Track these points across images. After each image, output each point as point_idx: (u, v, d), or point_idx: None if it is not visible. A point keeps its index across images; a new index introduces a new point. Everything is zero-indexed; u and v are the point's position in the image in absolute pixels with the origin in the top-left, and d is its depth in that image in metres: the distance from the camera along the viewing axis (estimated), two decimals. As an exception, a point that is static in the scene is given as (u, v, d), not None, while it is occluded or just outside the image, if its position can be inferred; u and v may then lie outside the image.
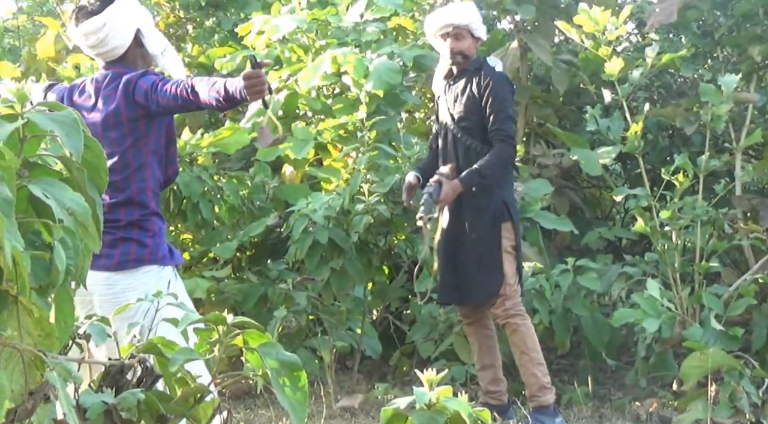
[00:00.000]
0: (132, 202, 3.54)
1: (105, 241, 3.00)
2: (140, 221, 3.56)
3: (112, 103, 3.54)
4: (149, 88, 3.48)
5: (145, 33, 3.68)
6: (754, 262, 6.37)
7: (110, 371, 2.77)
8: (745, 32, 7.25)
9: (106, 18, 3.55)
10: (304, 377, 4.35)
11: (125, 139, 3.54)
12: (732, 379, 5.12)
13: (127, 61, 3.67)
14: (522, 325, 4.97)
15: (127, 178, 3.53)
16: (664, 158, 7.74)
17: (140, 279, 3.50)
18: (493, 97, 4.93)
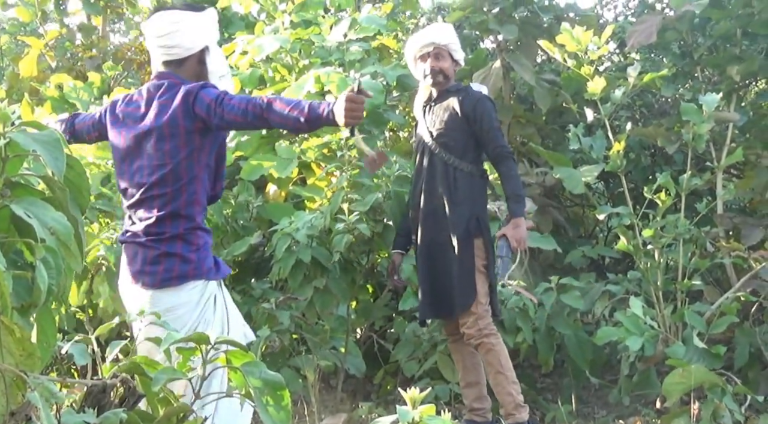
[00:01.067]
0: (179, 215, 3.48)
1: (148, 257, 3.41)
2: (185, 235, 3.49)
3: (167, 114, 3.49)
4: (212, 102, 3.44)
5: (211, 52, 3.70)
6: (736, 280, 6.39)
7: (92, 391, 2.76)
8: (723, 53, 7.32)
9: (183, 17, 3.59)
10: (287, 396, 4.34)
11: (179, 151, 3.48)
12: (715, 396, 5.14)
13: (182, 69, 3.65)
14: (496, 344, 4.92)
15: (179, 190, 3.47)
16: (647, 177, 7.79)
17: (185, 296, 3.44)
18: (485, 118, 4.95)
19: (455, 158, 5.00)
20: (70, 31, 9.13)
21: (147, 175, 3.47)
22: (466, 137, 4.99)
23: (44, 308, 1.99)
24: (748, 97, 8.01)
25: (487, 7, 7.64)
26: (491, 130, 4.95)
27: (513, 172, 4.94)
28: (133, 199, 3.50)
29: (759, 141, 7.45)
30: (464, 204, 4.96)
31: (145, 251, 3.44)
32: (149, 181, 3.46)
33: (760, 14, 7.01)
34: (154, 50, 3.69)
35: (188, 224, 3.50)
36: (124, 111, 3.65)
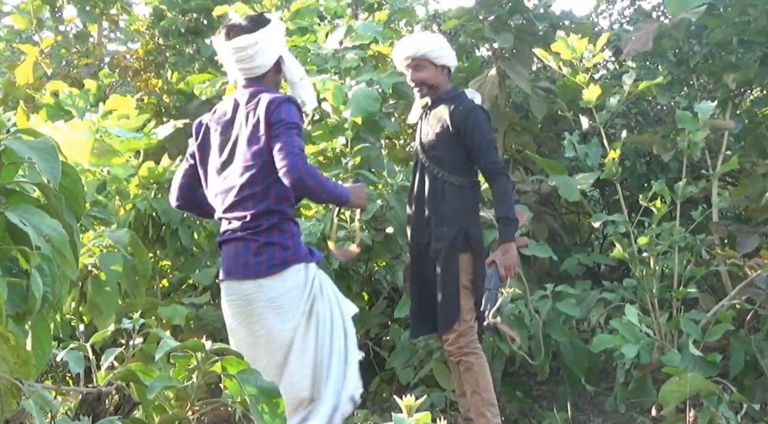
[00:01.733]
0: (272, 211, 3.75)
1: (250, 249, 3.70)
2: (279, 224, 3.76)
3: (253, 119, 3.76)
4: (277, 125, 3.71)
5: (286, 61, 3.98)
6: (731, 288, 6.41)
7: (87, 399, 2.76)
8: (719, 60, 7.34)
9: (258, 37, 3.82)
10: (282, 404, 4.34)
11: (264, 153, 3.73)
12: (711, 404, 5.13)
13: (265, 81, 3.93)
14: (476, 364, 4.80)
15: (267, 188, 3.75)
16: (642, 185, 7.79)
17: (291, 281, 3.72)
18: (475, 131, 4.78)
19: (444, 172, 4.89)
20: (66, 38, 9.12)
21: (237, 176, 3.76)
22: (456, 150, 4.87)
23: (39, 316, 1.99)
24: (743, 105, 8.03)
25: (482, 15, 7.65)
26: (483, 144, 4.78)
27: (506, 192, 4.74)
28: (228, 203, 3.79)
29: (754, 149, 7.47)
30: (451, 219, 4.85)
31: (246, 244, 3.73)
32: (240, 182, 3.75)
33: (756, 22, 7.03)
34: (232, 68, 3.94)
35: (281, 216, 3.79)
36: (215, 122, 3.94)
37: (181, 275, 6.44)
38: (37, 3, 8.90)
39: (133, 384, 4.36)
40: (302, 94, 4.04)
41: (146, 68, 8.70)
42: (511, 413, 5.85)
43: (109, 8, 9.10)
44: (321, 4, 7.14)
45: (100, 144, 5.79)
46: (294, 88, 4.03)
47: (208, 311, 6.05)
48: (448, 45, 5.05)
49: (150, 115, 7.26)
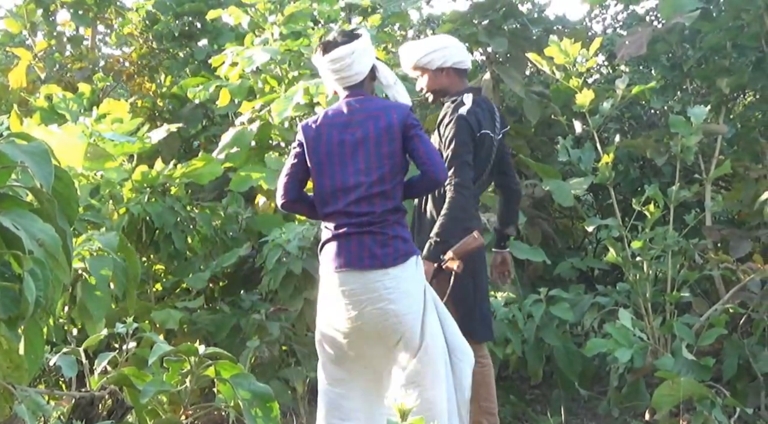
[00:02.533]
0: (397, 208, 4.09)
1: (378, 241, 4.01)
2: (401, 220, 4.12)
3: (383, 123, 4.07)
4: (414, 128, 4.11)
5: (379, 67, 4.30)
6: (724, 292, 6.42)
7: (80, 404, 2.75)
8: (713, 65, 7.35)
9: (354, 48, 4.14)
10: (276, 408, 4.34)
11: (396, 155, 4.07)
12: (704, 408, 5.14)
13: (363, 88, 4.23)
14: (477, 373, 4.57)
15: (394, 187, 4.07)
16: (635, 189, 7.79)
17: (411, 269, 4.05)
18: (448, 141, 4.66)
19: None
20: (60, 42, 9.12)
21: (365, 175, 4.03)
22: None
23: (32, 320, 1.98)
24: (736, 109, 8.04)
25: (476, 20, 7.66)
26: (451, 158, 4.59)
27: (450, 213, 4.54)
28: (353, 199, 4.03)
29: (747, 153, 7.48)
30: (430, 227, 4.69)
31: (374, 237, 4.01)
32: (369, 180, 4.03)
33: (750, 27, 7.04)
34: (330, 79, 4.25)
35: (402, 213, 4.14)
36: (329, 124, 4.15)
37: (174, 279, 6.43)
38: (30, 7, 8.90)
39: (127, 388, 4.35)
40: (397, 95, 4.34)
41: (140, 72, 8.70)
42: (504, 417, 5.84)
43: (103, 12, 9.10)
44: (314, 9, 7.14)
45: (93, 148, 5.79)
46: (389, 90, 4.35)
47: (202, 315, 6.04)
48: (440, 46, 4.88)
49: (143, 119, 7.25)
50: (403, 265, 4.02)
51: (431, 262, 4.47)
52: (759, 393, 5.75)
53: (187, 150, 8.24)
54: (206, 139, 8.17)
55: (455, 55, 4.88)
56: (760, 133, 7.45)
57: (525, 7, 7.83)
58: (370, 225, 4.01)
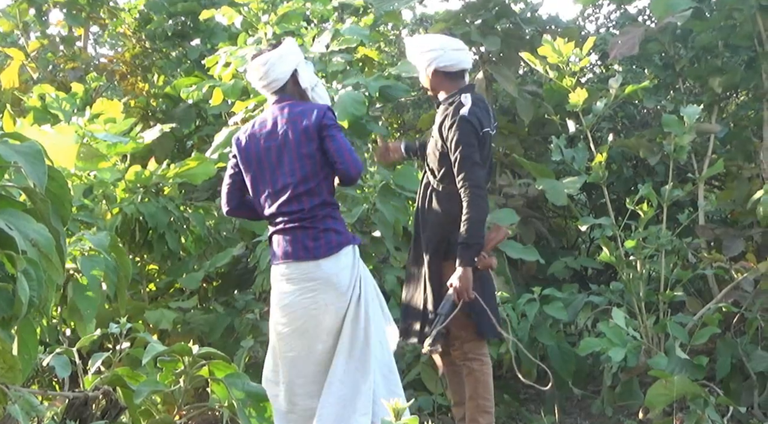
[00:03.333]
0: (325, 203, 4.36)
1: (309, 235, 4.30)
2: (332, 213, 4.39)
3: (301, 125, 4.34)
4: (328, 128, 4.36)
5: (300, 73, 4.51)
6: (717, 291, 6.43)
7: (74, 404, 2.75)
8: (705, 64, 7.37)
9: (268, 57, 4.45)
10: (270, 407, 4.33)
11: (315, 154, 4.33)
12: (697, 407, 5.16)
13: (287, 92, 4.50)
14: (477, 370, 4.72)
15: (319, 184, 4.33)
16: (629, 188, 7.82)
17: (344, 260, 4.33)
18: (455, 144, 4.61)
19: (434, 179, 4.79)
20: (52, 42, 9.09)
21: (291, 176, 4.33)
22: (443, 158, 4.71)
23: (25, 320, 1.98)
24: (729, 108, 8.06)
25: (469, 19, 7.66)
26: (461, 160, 4.59)
27: (472, 216, 4.54)
28: (283, 199, 4.33)
29: (740, 152, 7.50)
30: (436, 227, 4.75)
31: (305, 232, 4.31)
32: (294, 181, 4.32)
33: (742, 26, 7.06)
34: (259, 87, 4.56)
35: (332, 206, 4.41)
36: (256, 134, 4.45)
37: (168, 279, 6.43)
38: (23, 6, 8.87)
39: (120, 389, 4.35)
40: (316, 97, 4.57)
41: (133, 72, 8.68)
42: (498, 416, 5.84)
43: (96, 12, 9.08)
44: (307, 8, 7.13)
45: (86, 148, 5.78)
46: (308, 93, 4.55)
47: (196, 315, 6.04)
48: (429, 47, 4.85)
49: (137, 118, 7.24)
50: (335, 256, 4.32)
51: (468, 266, 4.58)
52: (752, 392, 5.77)
53: (181, 150, 8.22)
54: (199, 139, 8.15)
55: (442, 58, 4.82)
56: (752, 133, 7.48)
57: (518, 6, 7.82)
58: (302, 220, 4.32)
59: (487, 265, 4.68)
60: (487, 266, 4.67)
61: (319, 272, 4.30)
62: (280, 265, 4.41)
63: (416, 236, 4.94)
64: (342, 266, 4.32)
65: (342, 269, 4.32)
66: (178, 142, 8.28)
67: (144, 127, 6.79)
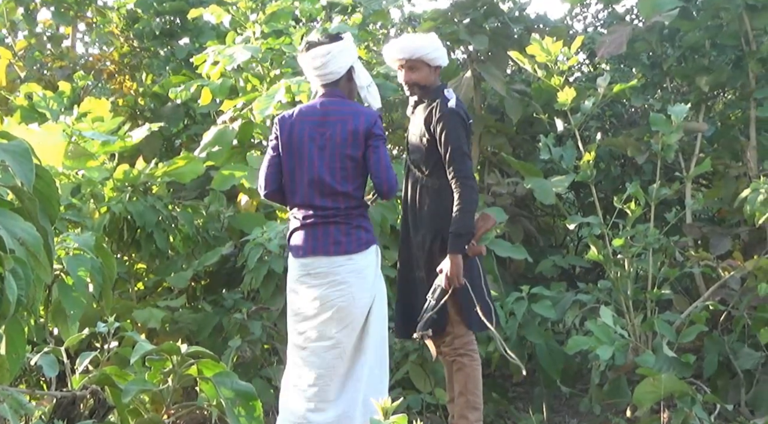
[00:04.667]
0: (359, 205, 4.48)
1: (342, 230, 4.40)
2: (363, 212, 4.51)
3: (350, 126, 4.41)
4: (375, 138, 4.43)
5: (356, 70, 4.58)
6: (705, 289, 6.45)
7: (62, 403, 2.75)
8: (692, 63, 7.40)
9: (331, 48, 4.46)
10: (259, 406, 4.34)
11: (358, 159, 4.40)
12: (684, 405, 5.17)
13: (339, 87, 4.54)
14: (468, 365, 4.75)
15: (357, 188, 4.45)
16: (617, 187, 7.83)
17: (370, 257, 4.46)
18: (445, 137, 4.66)
19: (422, 174, 4.81)
20: (40, 40, 9.07)
21: (331, 174, 4.39)
22: (433, 152, 4.74)
23: (13, 319, 1.97)
24: (716, 107, 8.09)
25: (457, 18, 7.67)
26: (452, 152, 4.65)
27: (463, 205, 4.62)
28: (319, 193, 4.40)
29: (727, 151, 7.53)
30: (428, 223, 4.77)
31: (338, 227, 4.40)
32: (333, 180, 4.39)
33: (729, 26, 7.09)
34: (312, 76, 4.58)
35: (365, 207, 4.53)
36: (303, 121, 4.48)
37: (156, 278, 6.42)
38: (10, 5, 8.85)
39: (108, 388, 4.34)
40: (368, 97, 4.64)
41: (121, 71, 8.67)
42: (487, 414, 5.84)
43: (83, 11, 9.06)
44: (296, 7, 7.13)
45: (74, 147, 5.77)
46: (362, 91, 4.62)
47: (184, 314, 6.03)
48: (441, 44, 4.96)
49: (124, 117, 7.23)
50: (364, 252, 4.43)
51: (459, 254, 4.64)
52: (739, 390, 5.80)
53: (169, 149, 8.21)
54: (188, 138, 8.15)
55: (446, 56, 5.02)
56: (739, 131, 7.51)
57: (506, 5, 7.83)
58: (335, 217, 4.40)
59: (477, 252, 4.73)
60: (476, 252, 4.73)
61: (350, 265, 4.40)
62: (308, 257, 4.45)
63: (406, 235, 4.95)
64: (369, 262, 4.45)
65: (369, 265, 4.45)
66: (167, 141, 8.27)
67: (132, 126, 6.78)
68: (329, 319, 4.39)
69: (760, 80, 7.08)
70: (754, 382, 5.81)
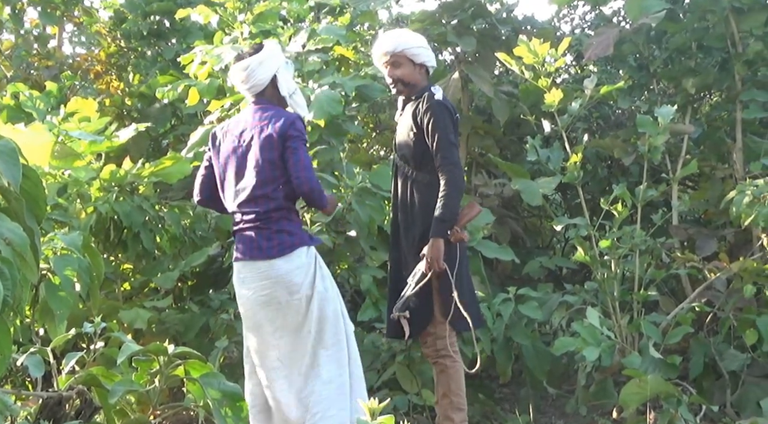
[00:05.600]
0: (281, 207, 4.45)
1: (263, 235, 4.41)
2: (287, 215, 4.47)
3: (267, 131, 4.45)
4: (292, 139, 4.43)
5: (279, 78, 4.62)
6: (691, 290, 6.48)
7: (48, 404, 2.74)
8: (679, 65, 7.42)
9: (250, 61, 4.56)
10: (246, 407, 4.33)
11: (275, 161, 4.42)
12: (670, 406, 5.19)
13: (266, 96, 4.61)
14: (450, 367, 4.76)
15: (276, 189, 4.42)
16: (603, 188, 7.86)
17: (296, 260, 4.43)
18: (432, 126, 4.72)
19: (412, 170, 4.84)
20: (27, 40, 9.05)
21: (251, 178, 4.44)
22: (421, 147, 4.78)
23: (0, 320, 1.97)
24: (702, 109, 8.12)
25: (445, 20, 7.68)
26: (439, 140, 4.70)
27: (450, 192, 4.67)
28: (242, 199, 4.47)
29: (713, 153, 7.56)
30: (419, 219, 4.80)
31: (260, 232, 4.43)
32: (252, 183, 4.43)
33: (715, 28, 7.11)
34: (241, 90, 4.70)
35: (287, 210, 4.48)
36: (229, 133, 4.60)
37: (142, 279, 6.40)
38: (-3, 5, 8.83)
39: (95, 388, 4.33)
40: (294, 106, 4.66)
41: (108, 71, 8.65)
42: (473, 415, 5.86)
43: (70, 11, 9.03)
44: (284, 7, 7.12)
45: (61, 147, 5.75)
46: (287, 99, 4.65)
47: (171, 315, 6.02)
48: (426, 44, 5.00)
49: (111, 117, 7.21)
50: (287, 256, 4.42)
51: (441, 238, 4.67)
52: (725, 391, 5.82)
53: (156, 149, 8.19)
54: (175, 138, 8.13)
55: (433, 57, 5.03)
56: (726, 133, 7.53)
57: (493, 7, 7.85)
58: (257, 222, 4.45)
59: (459, 238, 4.76)
60: (458, 239, 4.75)
61: (271, 271, 4.41)
62: (239, 262, 4.57)
63: (396, 235, 4.95)
64: (294, 266, 4.42)
65: (294, 269, 4.42)
66: (153, 141, 8.25)
67: (119, 126, 6.75)
68: (263, 321, 4.48)
69: (746, 82, 7.11)
70: (740, 383, 5.84)
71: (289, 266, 4.41)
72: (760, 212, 5.68)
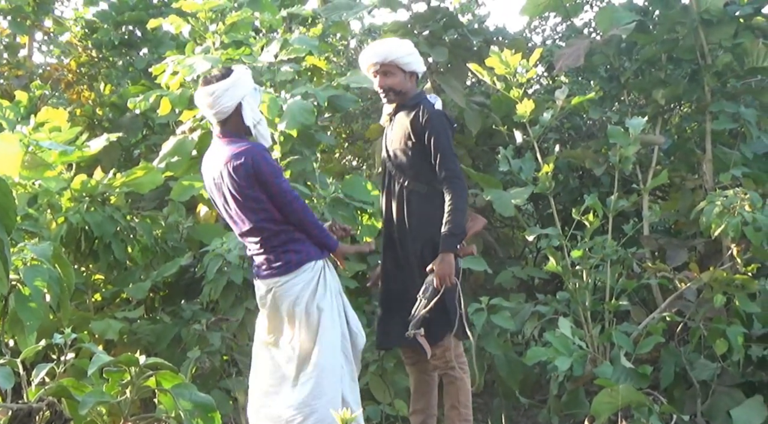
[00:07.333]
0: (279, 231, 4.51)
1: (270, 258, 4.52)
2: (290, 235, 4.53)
3: (237, 167, 4.43)
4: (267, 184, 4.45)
5: (245, 106, 4.57)
6: (661, 300, 6.52)
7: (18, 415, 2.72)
8: (649, 77, 7.49)
9: (217, 87, 4.50)
10: (218, 418, 4.32)
11: (258, 211, 4.48)
12: (641, 415, 5.22)
13: (230, 123, 4.57)
14: (460, 379, 4.76)
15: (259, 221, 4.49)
16: (575, 198, 7.88)
17: (302, 276, 4.51)
18: (434, 138, 4.67)
19: (409, 180, 4.78)
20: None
21: (242, 226, 4.54)
22: (420, 157, 4.73)
23: (-31, 331, 1.95)
24: (672, 120, 8.18)
25: (417, 30, 7.71)
26: (442, 153, 4.67)
27: (456, 204, 4.63)
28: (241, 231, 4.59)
29: (683, 164, 7.62)
30: (418, 230, 4.74)
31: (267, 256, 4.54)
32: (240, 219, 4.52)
33: (684, 40, 7.17)
34: (205, 113, 4.65)
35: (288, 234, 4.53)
36: (207, 167, 4.63)
37: (114, 289, 6.37)
38: (-35, 14, 8.78)
39: (65, 400, 4.30)
40: (258, 136, 4.63)
41: (79, 80, 8.61)
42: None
43: (41, 20, 8.99)
44: (256, 18, 7.12)
45: (31, 157, 5.72)
46: (251, 130, 4.61)
47: (142, 325, 5.98)
48: (416, 50, 4.94)
49: (82, 127, 7.18)
50: (294, 272, 4.51)
51: (452, 253, 4.64)
52: (695, 400, 5.85)
53: (128, 159, 8.16)
54: (147, 148, 8.11)
55: (422, 63, 5.00)
56: (695, 144, 7.60)
57: (465, 18, 7.87)
58: (262, 248, 4.55)
59: (468, 252, 4.84)
60: (467, 253, 4.83)
61: (280, 289, 4.51)
62: (256, 281, 4.70)
63: (389, 246, 4.90)
64: (299, 280, 4.50)
65: (299, 283, 4.50)
66: (125, 151, 8.22)
67: (90, 136, 6.73)
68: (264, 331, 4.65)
69: (715, 94, 7.17)
70: (710, 393, 5.87)
71: (294, 280, 4.51)
72: (730, 222, 5.73)
